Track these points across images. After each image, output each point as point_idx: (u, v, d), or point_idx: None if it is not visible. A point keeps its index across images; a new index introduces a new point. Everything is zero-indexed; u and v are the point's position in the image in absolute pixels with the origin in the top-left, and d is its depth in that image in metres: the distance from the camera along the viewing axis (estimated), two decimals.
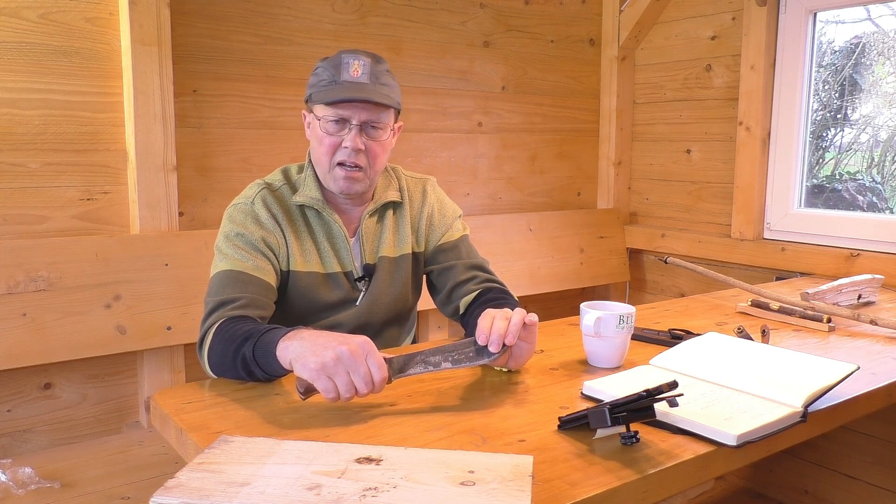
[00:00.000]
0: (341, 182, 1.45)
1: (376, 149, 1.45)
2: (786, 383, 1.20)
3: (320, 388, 1.10)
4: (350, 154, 1.42)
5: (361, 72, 1.41)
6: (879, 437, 2.17)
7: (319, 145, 1.45)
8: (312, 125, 1.48)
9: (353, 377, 1.09)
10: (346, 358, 1.09)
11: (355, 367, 1.09)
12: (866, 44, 2.52)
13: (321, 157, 1.45)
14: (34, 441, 2.00)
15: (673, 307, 1.96)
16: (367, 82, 1.41)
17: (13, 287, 1.82)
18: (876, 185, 2.57)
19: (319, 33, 2.36)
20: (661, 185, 3.05)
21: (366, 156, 1.44)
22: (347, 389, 1.09)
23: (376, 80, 1.43)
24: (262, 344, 1.20)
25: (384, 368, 1.12)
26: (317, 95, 1.44)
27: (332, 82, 1.42)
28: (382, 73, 1.45)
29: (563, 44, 2.98)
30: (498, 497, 0.83)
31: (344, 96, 1.39)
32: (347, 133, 1.42)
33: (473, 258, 1.61)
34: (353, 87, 1.40)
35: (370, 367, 1.11)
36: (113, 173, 2.05)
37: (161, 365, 2.10)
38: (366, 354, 1.11)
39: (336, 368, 1.09)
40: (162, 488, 0.83)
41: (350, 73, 1.41)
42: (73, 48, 1.96)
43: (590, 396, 1.22)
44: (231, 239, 1.43)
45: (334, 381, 1.09)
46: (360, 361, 1.10)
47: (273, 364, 1.18)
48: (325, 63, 1.45)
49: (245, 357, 1.22)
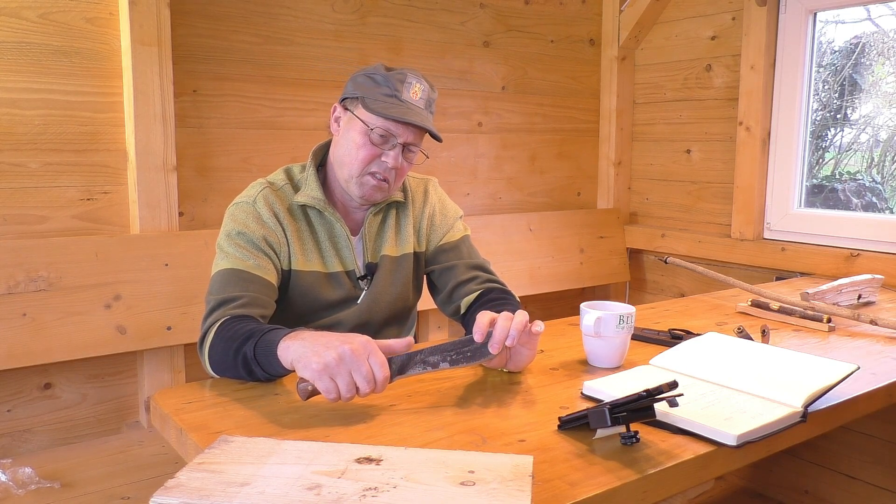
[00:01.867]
0: (368, 189, 1.46)
1: (406, 169, 1.49)
2: (786, 383, 1.20)
3: (321, 388, 1.10)
4: (386, 169, 1.45)
5: (420, 96, 1.44)
6: (879, 437, 2.17)
7: (357, 150, 1.44)
8: (350, 126, 1.46)
9: (355, 376, 1.10)
10: (348, 357, 1.09)
11: (357, 366, 1.09)
12: (866, 44, 2.52)
13: (353, 161, 1.45)
14: (34, 441, 2.01)
15: (673, 307, 1.96)
16: (423, 108, 1.45)
17: (13, 287, 1.82)
18: (876, 185, 2.57)
19: (319, 33, 2.36)
20: (661, 185, 3.05)
21: (396, 172, 1.47)
22: (349, 389, 1.10)
23: (429, 108, 1.47)
24: (263, 344, 1.20)
25: (386, 367, 1.12)
26: (373, 104, 1.42)
27: (393, 97, 1.42)
28: (433, 102, 1.49)
29: (563, 44, 2.98)
30: (498, 497, 0.83)
31: (407, 118, 1.40)
32: (390, 149, 1.44)
33: (475, 258, 1.62)
34: (411, 109, 1.42)
35: (372, 366, 1.11)
36: (113, 173, 2.05)
37: (161, 365, 2.10)
38: (368, 354, 1.11)
39: (338, 368, 1.09)
40: (162, 488, 0.83)
41: (410, 94, 1.43)
42: (73, 48, 1.96)
43: (590, 396, 1.22)
44: (232, 237, 1.43)
45: (336, 381, 1.09)
46: (363, 360, 1.10)
47: (274, 364, 1.18)
48: (384, 73, 1.44)
49: (246, 356, 1.22)
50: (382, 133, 1.42)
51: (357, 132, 1.44)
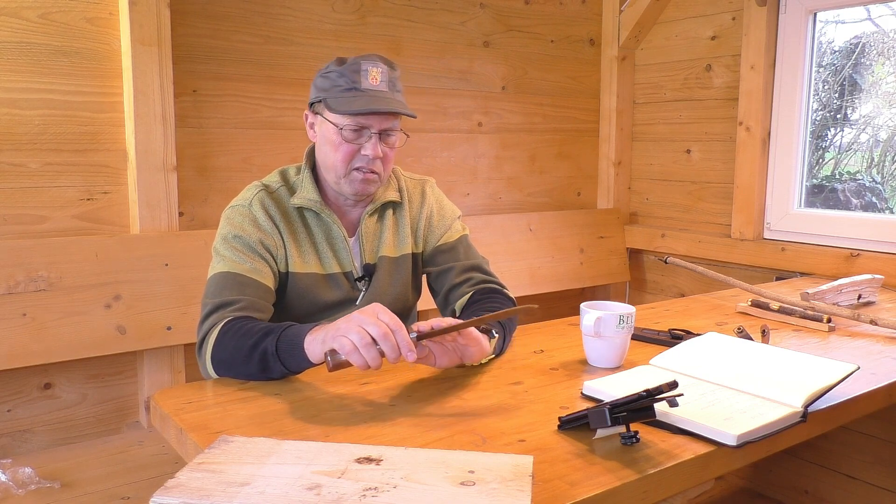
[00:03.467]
0: (358, 185, 1.46)
1: (390, 154, 1.47)
2: (786, 383, 1.20)
3: (337, 347, 1.12)
4: (369, 161, 1.43)
5: (380, 79, 1.41)
6: (879, 437, 2.17)
7: (335, 151, 1.44)
8: (323, 129, 1.46)
9: (367, 328, 1.11)
10: (356, 317, 1.13)
11: (366, 320, 1.12)
12: (866, 44, 2.52)
13: (336, 163, 1.44)
14: (34, 441, 2.00)
15: (673, 307, 1.96)
16: (385, 90, 1.42)
17: (13, 287, 1.82)
18: (876, 185, 2.57)
19: (319, 33, 2.36)
20: (661, 185, 3.05)
21: (381, 161, 1.45)
22: (362, 338, 1.10)
23: (393, 88, 1.44)
24: (288, 338, 1.21)
25: (396, 319, 1.14)
26: (335, 102, 1.41)
27: (352, 89, 1.40)
28: (397, 80, 1.46)
29: (563, 44, 2.98)
30: (498, 497, 0.83)
31: (370, 108, 1.38)
32: (367, 141, 1.42)
33: (471, 259, 1.62)
34: (375, 97, 1.40)
35: (380, 316, 1.13)
36: (113, 173, 2.05)
37: (161, 365, 2.10)
38: (376, 312, 1.14)
39: (349, 327, 1.12)
40: (162, 488, 0.83)
41: (369, 81, 1.40)
42: (73, 48, 1.96)
43: (590, 396, 1.22)
44: (229, 241, 1.42)
45: (349, 337, 1.11)
46: (370, 315, 1.13)
47: (298, 358, 1.20)
48: (339, 68, 1.43)
49: (266, 352, 1.22)
50: (354, 128, 1.41)
51: (330, 133, 1.44)
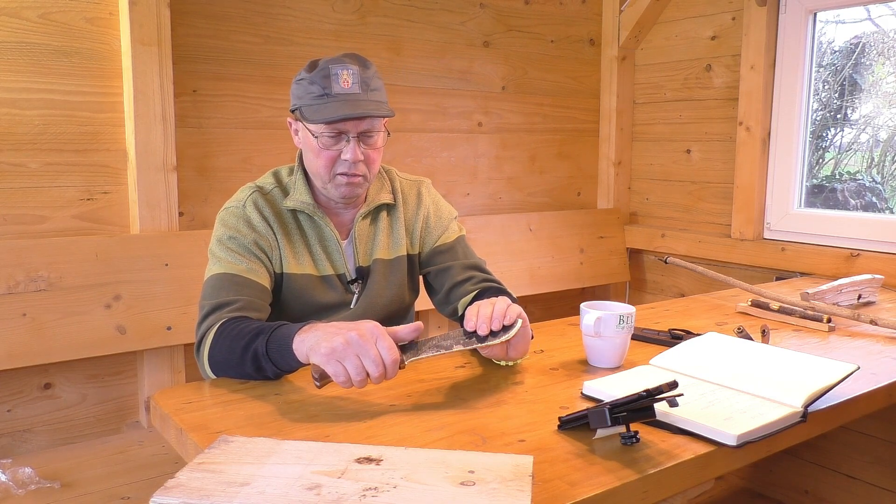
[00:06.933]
0: (344, 189, 1.45)
1: (373, 155, 1.45)
2: (786, 383, 1.20)
3: (331, 372, 1.11)
4: (350, 166, 1.42)
5: (352, 81, 1.38)
6: (879, 437, 2.17)
7: (317, 158, 1.43)
8: (304, 135, 1.45)
9: (364, 360, 1.10)
10: (355, 341, 1.10)
11: (365, 350, 1.10)
12: (866, 44, 2.52)
13: (319, 169, 1.43)
14: (34, 441, 2.00)
15: (673, 307, 1.96)
16: (359, 92, 1.39)
17: (13, 287, 1.82)
18: (876, 185, 2.57)
19: (319, 33, 2.36)
20: (661, 185, 3.05)
21: (364, 163, 1.44)
22: (358, 373, 1.10)
23: (367, 88, 1.41)
24: (277, 338, 1.21)
25: (395, 350, 1.13)
26: (309, 111, 1.40)
27: (324, 96, 1.38)
28: (372, 79, 1.42)
29: (563, 44, 2.98)
30: (498, 497, 0.83)
31: (341, 114, 1.36)
32: (346, 145, 1.41)
33: (470, 258, 1.62)
34: (347, 101, 1.38)
35: (380, 349, 1.11)
36: (113, 173, 2.05)
37: (161, 365, 2.10)
38: (375, 338, 1.12)
39: (346, 352, 1.10)
40: (162, 488, 0.83)
41: (340, 85, 1.38)
42: (73, 48, 1.96)
43: (590, 396, 1.22)
44: (224, 242, 1.42)
45: (344, 365, 1.10)
46: (370, 344, 1.11)
47: (287, 358, 1.19)
48: (310, 74, 1.41)
49: (257, 352, 1.22)
50: (331, 135, 1.40)
51: (309, 140, 1.43)
